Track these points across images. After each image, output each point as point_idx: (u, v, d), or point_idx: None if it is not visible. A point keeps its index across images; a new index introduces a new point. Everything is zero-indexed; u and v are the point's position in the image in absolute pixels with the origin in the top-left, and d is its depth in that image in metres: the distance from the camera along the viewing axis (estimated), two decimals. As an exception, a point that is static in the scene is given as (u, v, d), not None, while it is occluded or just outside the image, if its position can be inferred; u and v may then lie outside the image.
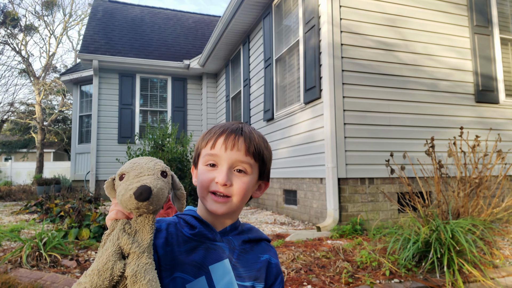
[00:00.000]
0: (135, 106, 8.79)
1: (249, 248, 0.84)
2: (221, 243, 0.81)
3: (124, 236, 0.67)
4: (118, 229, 0.68)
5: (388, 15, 4.25)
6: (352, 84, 3.99)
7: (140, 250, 0.67)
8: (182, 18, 11.35)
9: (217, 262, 0.78)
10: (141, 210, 0.68)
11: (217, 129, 0.84)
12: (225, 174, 0.78)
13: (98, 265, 0.62)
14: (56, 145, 24.81)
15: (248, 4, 5.92)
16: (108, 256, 0.63)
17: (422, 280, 2.27)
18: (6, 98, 22.02)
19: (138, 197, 0.66)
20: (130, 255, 0.66)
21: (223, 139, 0.80)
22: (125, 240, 0.66)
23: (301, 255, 2.76)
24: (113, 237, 0.66)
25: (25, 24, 17.61)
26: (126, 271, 0.64)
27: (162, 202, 0.71)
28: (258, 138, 0.84)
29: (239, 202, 0.80)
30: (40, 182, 9.30)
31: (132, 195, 0.66)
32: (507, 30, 4.90)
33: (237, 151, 0.79)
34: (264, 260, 0.84)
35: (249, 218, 4.98)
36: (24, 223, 4.59)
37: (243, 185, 0.80)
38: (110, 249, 0.64)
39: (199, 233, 0.80)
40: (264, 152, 0.85)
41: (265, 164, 0.86)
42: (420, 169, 3.95)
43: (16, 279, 2.29)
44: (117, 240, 0.66)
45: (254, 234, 0.87)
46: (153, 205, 0.68)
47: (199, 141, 0.86)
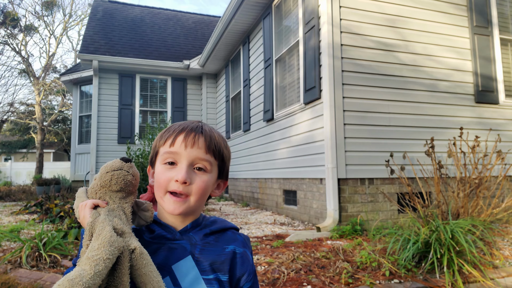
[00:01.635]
0: (135, 106, 8.79)
1: (213, 240, 0.82)
2: (182, 241, 0.80)
3: (114, 219, 0.71)
4: (104, 214, 0.71)
5: (388, 16, 4.25)
6: (352, 85, 3.99)
7: (130, 230, 0.71)
8: (182, 19, 11.35)
9: (179, 260, 0.77)
10: (122, 172, 0.76)
11: (176, 127, 0.83)
12: (185, 172, 0.77)
13: (104, 239, 0.63)
14: (56, 145, 24.79)
15: (248, 5, 5.92)
16: (110, 231, 0.65)
17: (422, 281, 2.27)
18: (6, 98, 22.00)
19: (123, 158, 0.78)
20: (125, 233, 0.69)
21: (183, 137, 0.80)
22: (116, 220, 0.71)
23: (301, 255, 2.76)
24: (103, 220, 0.69)
25: (25, 24, 17.60)
26: (132, 245, 0.67)
27: (137, 180, 0.80)
28: (218, 137, 0.84)
29: (197, 201, 0.79)
30: (40, 183, 9.29)
31: (118, 158, 0.79)
32: (507, 30, 4.91)
33: (197, 149, 0.79)
34: (229, 252, 0.81)
35: (249, 219, 4.98)
36: (23, 223, 4.59)
37: (202, 183, 0.79)
38: (107, 228, 0.66)
39: (157, 235, 0.80)
40: (224, 151, 0.85)
41: (224, 163, 0.86)
42: (420, 170, 3.96)
43: (16, 280, 2.29)
44: (109, 222, 0.69)
45: (217, 225, 0.85)
46: (132, 169, 0.78)
47: (157, 139, 0.85)
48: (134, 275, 0.67)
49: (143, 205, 0.83)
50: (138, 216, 0.82)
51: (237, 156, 7.33)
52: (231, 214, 5.49)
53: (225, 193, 8.37)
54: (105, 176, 0.76)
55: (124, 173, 0.77)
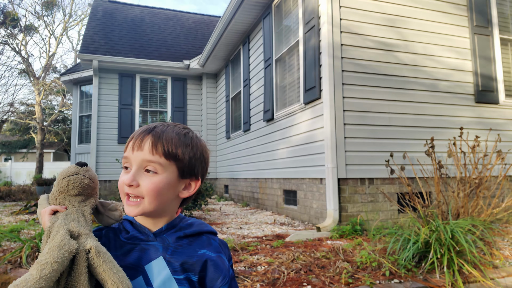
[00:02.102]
0: (135, 106, 8.79)
1: (186, 243, 0.82)
2: (154, 242, 0.81)
3: (69, 222, 0.73)
4: (61, 219, 0.73)
5: (388, 16, 4.25)
6: (352, 85, 3.99)
7: (87, 231, 0.74)
8: (182, 18, 11.35)
9: (151, 260, 0.79)
10: (78, 176, 0.78)
11: (134, 133, 0.85)
12: (131, 175, 0.78)
13: (55, 243, 0.66)
14: (56, 145, 24.80)
15: (248, 4, 5.92)
16: (62, 235, 0.67)
17: (422, 281, 2.27)
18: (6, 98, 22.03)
19: (78, 163, 0.80)
20: (81, 235, 0.71)
21: (133, 140, 0.81)
22: (72, 224, 0.73)
23: (301, 255, 2.76)
24: (58, 224, 0.71)
25: (25, 24, 17.60)
26: (88, 245, 0.69)
27: (96, 184, 0.82)
28: (173, 136, 0.81)
29: (152, 202, 0.79)
30: (40, 182, 9.29)
31: (74, 164, 0.80)
32: (507, 30, 4.90)
33: (141, 151, 0.79)
34: (201, 254, 0.81)
35: (249, 219, 4.98)
36: (23, 223, 4.59)
37: (151, 185, 0.78)
38: (61, 232, 0.69)
39: (132, 236, 0.82)
40: (179, 150, 0.81)
41: (182, 162, 0.82)
42: (420, 170, 3.96)
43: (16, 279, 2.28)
44: (64, 226, 0.71)
45: (192, 229, 0.85)
46: (88, 173, 0.79)
47: None
48: (94, 273, 0.69)
49: (109, 205, 0.86)
50: (106, 216, 0.85)
51: (237, 156, 7.33)
52: (231, 214, 5.49)
53: (225, 193, 8.37)
54: (62, 182, 0.78)
55: (80, 177, 0.78)
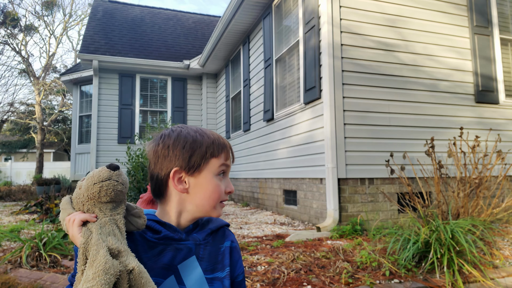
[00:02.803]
0: (135, 106, 8.79)
1: (211, 240, 0.88)
2: (187, 242, 0.83)
3: (108, 238, 0.68)
4: (96, 233, 0.67)
5: (388, 16, 4.25)
6: (352, 85, 3.99)
7: (126, 247, 0.69)
8: (182, 19, 11.35)
9: (185, 260, 0.81)
10: (112, 181, 0.71)
11: (226, 142, 0.88)
12: (231, 184, 0.88)
13: (99, 267, 0.61)
14: (56, 145, 24.80)
15: (248, 4, 5.92)
16: (104, 257, 0.63)
17: (422, 281, 2.27)
18: (6, 98, 22.03)
19: (110, 166, 0.73)
20: (121, 253, 0.67)
21: (231, 152, 0.88)
22: (110, 241, 0.67)
23: (301, 255, 2.76)
24: (96, 241, 0.66)
25: (25, 24, 17.60)
26: (130, 265, 0.65)
27: (127, 186, 0.76)
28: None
29: None
30: (40, 182, 9.29)
31: (105, 167, 0.73)
32: (507, 30, 4.90)
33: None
34: (225, 247, 0.90)
35: (249, 219, 4.98)
36: (24, 223, 4.59)
37: None
38: (101, 252, 0.64)
39: (164, 236, 0.81)
40: None
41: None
42: (420, 170, 3.96)
43: (16, 279, 2.29)
44: (103, 243, 0.66)
45: (214, 224, 0.91)
46: (121, 177, 0.74)
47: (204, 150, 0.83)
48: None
49: (133, 210, 0.79)
50: (128, 220, 0.78)
51: (237, 156, 7.33)
52: (231, 214, 5.49)
53: (225, 193, 8.36)
54: (93, 188, 0.71)
55: (113, 183, 0.72)
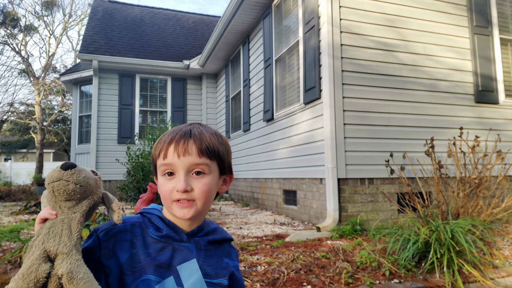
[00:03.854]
0: (135, 106, 8.79)
1: (213, 249, 0.86)
2: (188, 244, 0.82)
3: (49, 239, 0.68)
4: (43, 233, 0.69)
5: (388, 16, 4.25)
6: (352, 85, 3.99)
7: (67, 249, 0.68)
8: (182, 19, 11.35)
9: (185, 261, 0.79)
10: (61, 182, 0.70)
11: (166, 137, 0.83)
12: (183, 181, 0.78)
13: (23, 270, 0.64)
14: (55, 145, 24.80)
15: (248, 4, 5.92)
16: (33, 260, 0.65)
17: (422, 281, 2.28)
18: (6, 98, 22.02)
19: (62, 165, 0.71)
20: (58, 256, 0.67)
21: (173, 147, 0.79)
22: (50, 243, 0.68)
23: (301, 255, 2.76)
24: (38, 241, 0.68)
25: (25, 24, 17.60)
26: (60, 271, 0.65)
27: (88, 188, 0.74)
28: (210, 136, 0.83)
29: (204, 204, 0.81)
30: (40, 182, 9.29)
31: (58, 166, 0.72)
32: (507, 30, 4.91)
33: (189, 156, 0.79)
34: (227, 263, 0.87)
35: (249, 219, 4.98)
36: (23, 223, 4.59)
37: (204, 187, 0.80)
38: (36, 253, 0.66)
39: (166, 235, 0.80)
40: (219, 149, 0.84)
41: (223, 160, 0.85)
42: (420, 170, 3.96)
43: (15, 280, 2.28)
44: (42, 244, 0.68)
45: (218, 235, 0.89)
46: (74, 177, 0.71)
47: (153, 151, 0.85)
48: None
49: (111, 203, 0.80)
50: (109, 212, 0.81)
51: (237, 156, 7.33)
52: (231, 214, 5.49)
53: (225, 193, 8.37)
54: (48, 188, 0.73)
55: (63, 183, 0.71)
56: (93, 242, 0.78)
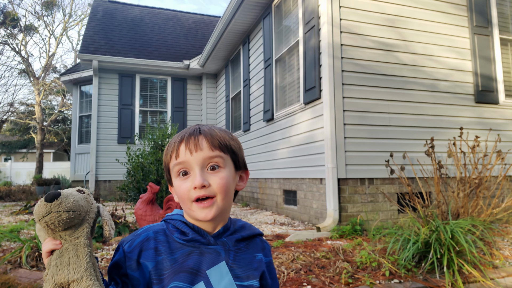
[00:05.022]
0: (135, 106, 8.79)
1: (244, 246, 0.83)
2: (216, 246, 0.79)
3: (58, 272, 0.68)
4: (52, 265, 0.69)
5: (388, 16, 4.25)
6: (352, 85, 3.99)
7: (78, 275, 0.68)
8: (182, 19, 11.35)
9: (214, 265, 0.76)
10: (53, 214, 0.67)
11: (176, 138, 0.82)
12: (199, 176, 0.75)
13: None
14: (55, 145, 24.80)
15: (248, 5, 5.92)
16: None
17: (422, 281, 2.27)
18: (6, 98, 22.03)
19: (46, 197, 0.68)
20: (70, 284, 0.68)
21: (184, 144, 0.78)
22: (60, 276, 0.68)
23: (301, 255, 2.76)
24: (49, 276, 0.68)
25: (25, 24, 17.61)
26: None
27: (81, 210, 0.71)
28: (219, 132, 0.82)
29: (224, 199, 0.78)
30: (40, 183, 9.29)
31: (42, 199, 0.68)
32: (507, 30, 4.91)
33: (201, 150, 0.77)
34: (259, 260, 0.84)
35: (248, 219, 4.98)
36: (23, 223, 4.59)
37: (221, 180, 0.77)
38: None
39: (191, 238, 0.78)
40: (231, 143, 0.82)
41: (236, 154, 0.83)
42: (420, 170, 3.96)
43: (15, 280, 2.29)
44: (52, 278, 0.68)
45: (247, 231, 0.86)
46: (62, 205, 0.68)
47: (164, 157, 0.84)
48: None
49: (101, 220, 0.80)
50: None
51: (237, 156, 7.32)
52: (231, 214, 5.49)
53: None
54: (40, 224, 0.70)
55: (55, 215, 0.68)
56: (118, 255, 0.77)
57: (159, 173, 4.73)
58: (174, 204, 3.34)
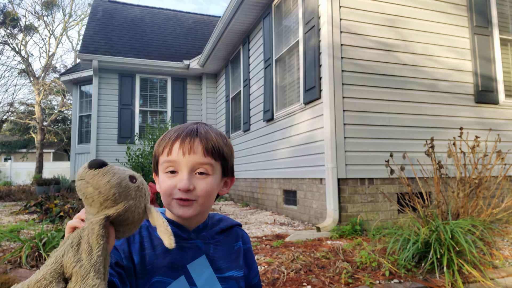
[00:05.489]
0: (134, 106, 8.79)
1: (222, 239, 0.86)
2: (196, 241, 0.81)
3: (69, 252, 0.58)
4: (67, 243, 0.60)
5: (388, 16, 4.25)
6: (352, 85, 3.99)
7: (84, 271, 0.57)
8: (182, 18, 11.35)
9: (194, 259, 0.79)
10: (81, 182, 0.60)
11: (172, 134, 0.81)
12: (186, 180, 0.76)
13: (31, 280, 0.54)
14: (55, 145, 24.80)
15: (248, 5, 5.92)
16: (45, 274, 0.55)
17: (421, 281, 2.27)
18: (5, 98, 22.04)
19: (90, 162, 0.60)
20: (72, 276, 0.57)
21: (179, 144, 0.78)
22: (69, 258, 0.58)
23: (301, 255, 2.76)
24: (59, 252, 0.59)
25: (25, 24, 17.61)
26: None
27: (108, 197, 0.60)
28: (215, 137, 0.82)
29: (205, 203, 0.79)
30: (40, 182, 9.29)
31: (87, 162, 0.60)
32: (507, 30, 4.91)
33: (194, 154, 0.77)
34: (238, 248, 0.87)
35: (248, 219, 4.98)
36: (23, 223, 4.59)
37: (206, 186, 0.78)
38: (50, 267, 0.56)
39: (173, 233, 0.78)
40: (224, 149, 0.83)
41: (226, 161, 0.84)
42: (420, 170, 3.96)
43: (15, 279, 2.28)
44: (61, 257, 0.58)
45: (224, 223, 0.89)
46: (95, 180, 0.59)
47: (155, 147, 0.84)
48: None
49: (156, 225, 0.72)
50: None
51: (237, 156, 7.33)
52: (231, 214, 5.49)
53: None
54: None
55: (83, 184, 0.60)
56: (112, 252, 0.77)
57: (159, 173, 4.73)
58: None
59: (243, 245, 0.89)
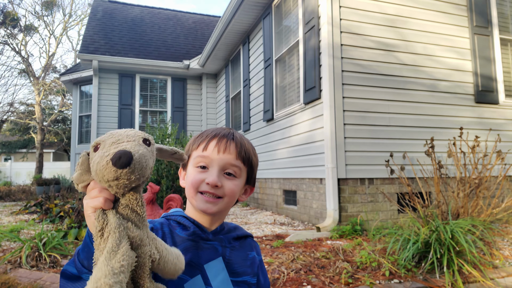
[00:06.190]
0: (134, 106, 8.79)
1: (238, 245, 0.89)
2: (214, 242, 0.83)
3: (128, 223, 0.59)
4: (114, 217, 0.58)
5: (388, 16, 4.25)
6: (352, 85, 3.99)
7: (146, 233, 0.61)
8: (182, 18, 11.35)
9: (211, 260, 0.81)
10: (122, 181, 0.56)
11: (210, 133, 0.86)
12: (216, 176, 0.80)
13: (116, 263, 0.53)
14: (55, 145, 24.79)
15: (248, 5, 5.92)
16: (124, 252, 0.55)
17: (421, 281, 2.27)
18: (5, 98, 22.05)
19: (116, 162, 0.55)
20: (143, 241, 0.59)
21: (216, 142, 0.83)
22: (131, 228, 0.58)
23: (301, 255, 2.76)
24: (115, 228, 0.56)
25: (25, 24, 17.60)
26: (154, 255, 0.60)
27: (146, 173, 0.59)
28: (247, 144, 0.88)
29: (228, 203, 0.83)
30: (40, 183, 9.29)
31: (110, 161, 0.55)
32: (507, 30, 4.91)
33: (228, 154, 0.82)
34: (252, 257, 0.90)
35: (249, 219, 4.98)
36: (23, 223, 4.59)
37: (233, 187, 0.82)
38: (123, 243, 0.56)
39: (193, 233, 0.82)
40: (253, 158, 0.88)
41: (252, 169, 0.89)
42: (420, 170, 3.96)
43: (15, 280, 2.28)
44: (123, 231, 0.57)
45: (240, 231, 0.92)
46: (135, 173, 0.57)
47: (190, 143, 0.88)
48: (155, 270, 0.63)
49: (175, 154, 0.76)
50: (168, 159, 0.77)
51: (237, 156, 7.32)
52: (231, 214, 5.49)
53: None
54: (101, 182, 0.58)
55: (124, 182, 0.58)
56: None
57: (159, 173, 4.73)
58: (174, 204, 3.34)
59: (257, 256, 0.92)
